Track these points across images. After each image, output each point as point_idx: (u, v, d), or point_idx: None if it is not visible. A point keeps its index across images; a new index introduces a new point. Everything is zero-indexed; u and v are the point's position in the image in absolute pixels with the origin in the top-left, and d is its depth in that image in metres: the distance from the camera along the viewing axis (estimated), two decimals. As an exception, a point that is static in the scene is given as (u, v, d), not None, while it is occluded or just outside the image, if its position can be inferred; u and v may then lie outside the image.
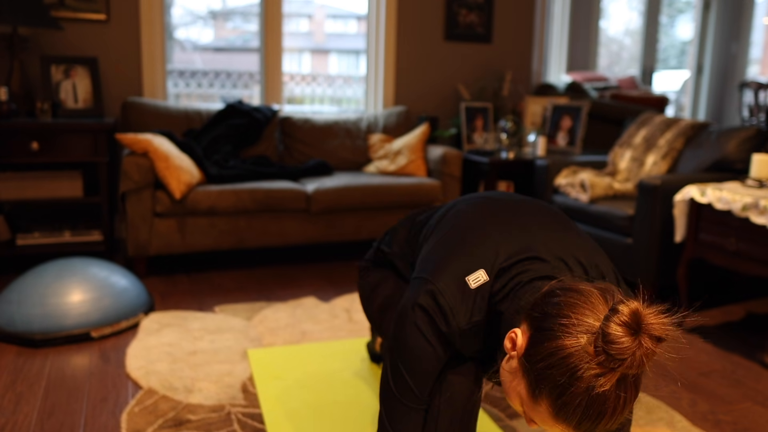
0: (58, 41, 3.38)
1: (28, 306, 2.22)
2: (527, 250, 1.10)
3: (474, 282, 1.07)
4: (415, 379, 1.10)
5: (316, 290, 2.91)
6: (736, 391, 2.06)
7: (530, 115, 4.15)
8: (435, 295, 1.08)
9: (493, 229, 1.15)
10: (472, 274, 1.08)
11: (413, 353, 1.09)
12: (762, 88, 5.23)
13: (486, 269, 1.09)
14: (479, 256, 1.10)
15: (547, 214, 1.22)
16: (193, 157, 3.09)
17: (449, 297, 1.07)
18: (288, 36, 3.99)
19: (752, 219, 2.23)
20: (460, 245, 1.13)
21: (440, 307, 1.07)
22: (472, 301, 1.07)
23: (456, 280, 1.08)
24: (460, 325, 1.07)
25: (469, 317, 1.07)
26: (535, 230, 1.15)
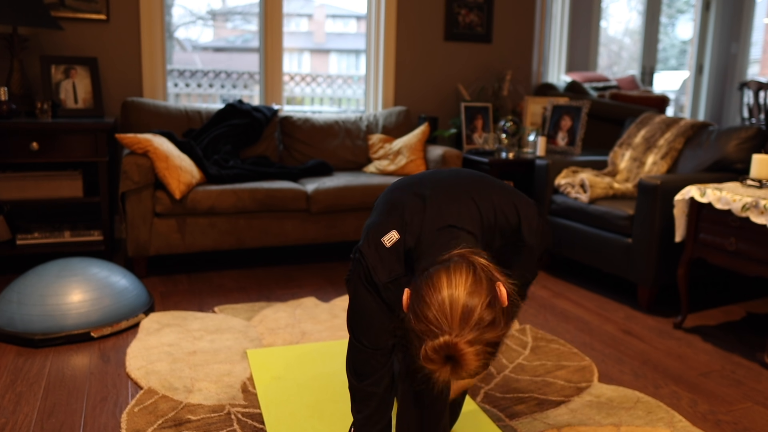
0: (58, 41, 3.38)
1: (28, 306, 2.22)
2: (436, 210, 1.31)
3: (388, 241, 1.29)
4: (365, 324, 1.34)
5: (316, 290, 2.91)
6: (736, 391, 2.06)
7: (530, 115, 4.15)
8: (360, 258, 1.31)
9: (401, 196, 1.37)
10: (386, 235, 1.29)
11: (360, 303, 1.33)
12: (762, 88, 5.23)
13: (397, 229, 1.30)
14: (390, 221, 1.31)
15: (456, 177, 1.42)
16: (193, 157, 3.09)
17: (369, 258, 1.29)
18: (288, 36, 3.99)
19: (752, 219, 2.23)
20: (377, 216, 1.36)
21: (366, 266, 1.29)
22: (389, 258, 1.29)
23: (374, 243, 1.30)
24: (382, 280, 1.28)
25: (389, 272, 1.28)
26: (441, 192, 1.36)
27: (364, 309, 1.32)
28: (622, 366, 2.22)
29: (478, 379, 1.16)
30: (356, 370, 1.39)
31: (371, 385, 1.37)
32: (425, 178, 1.42)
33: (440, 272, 1.11)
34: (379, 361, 1.36)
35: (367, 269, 1.29)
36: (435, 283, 1.10)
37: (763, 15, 6.30)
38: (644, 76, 6.05)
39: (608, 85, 5.10)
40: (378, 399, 1.39)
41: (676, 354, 2.34)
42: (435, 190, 1.35)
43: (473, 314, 1.06)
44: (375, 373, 1.36)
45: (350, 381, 1.41)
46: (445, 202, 1.32)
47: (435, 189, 1.36)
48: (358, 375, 1.38)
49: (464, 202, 1.33)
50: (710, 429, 1.81)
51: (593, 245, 2.99)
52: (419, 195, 1.35)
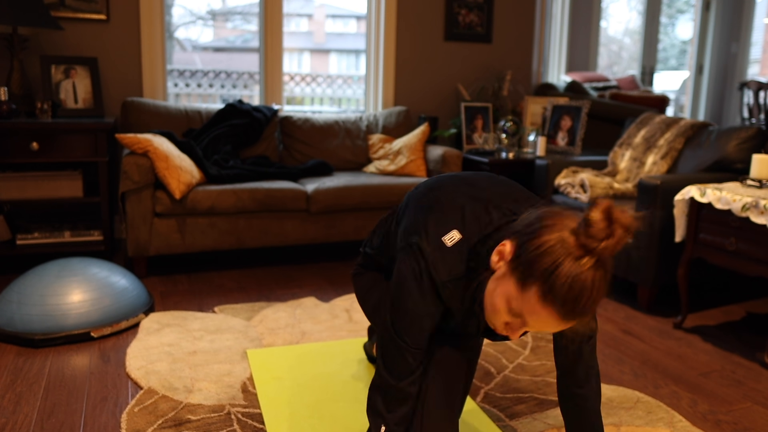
0: (58, 41, 3.38)
1: (28, 306, 2.22)
2: (485, 211, 1.28)
3: (450, 241, 1.25)
4: (412, 324, 1.28)
5: (316, 290, 2.91)
6: (736, 391, 2.06)
7: (530, 115, 4.15)
8: (419, 256, 1.26)
9: (455, 195, 1.33)
10: (447, 234, 1.25)
11: (411, 302, 1.27)
12: (762, 88, 5.23)
13: (458, 229, 1.26)
14: (449, 220, 1.27)
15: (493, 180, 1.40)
16: (193, 157, 3.09)
17: (429, 256, 1.24)
18: (288, 36, 4.00)
19: (752, 219, 2.23)
20: (432, 213, 1.31)
21: (426, 264, 1.25)
22: (449, 257, 1.24)
23: (434, 241, 1.25)
24: (442, 279, 1.24)
25: (449, 271, 1.24)
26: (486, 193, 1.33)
27: (413, 307, 1.27)
28: (622, 366, 2.22)
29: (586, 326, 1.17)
30: (393, 368, 1.32)
31: (409, 385, 1.32)
32: (466, 177, 1.40)
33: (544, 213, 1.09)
34: (417, 359, 1.31)
35: (426, 265, 1.24)
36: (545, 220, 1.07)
37: (763, 15, 6.30)
38: (644, 76, 6.05)
39: (608, 85, 5.10)
40: (413, 400, 1.35)
41: (676, 354, 2.34)
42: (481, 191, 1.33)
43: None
44: (413, 373, 1.32)
45: (385, 379, 1.33)
46: (495, 202, 1.30)
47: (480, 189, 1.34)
48: (395, 374, 1.32)
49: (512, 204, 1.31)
50: (710, 429, 1.81)
51: (593, 245, 2.98)
52: (466, 196, 1.32)
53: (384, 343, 1.34)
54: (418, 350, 1.30)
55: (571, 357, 1.36)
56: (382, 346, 1.34)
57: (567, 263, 1.02)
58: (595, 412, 1.41)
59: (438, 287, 1.25)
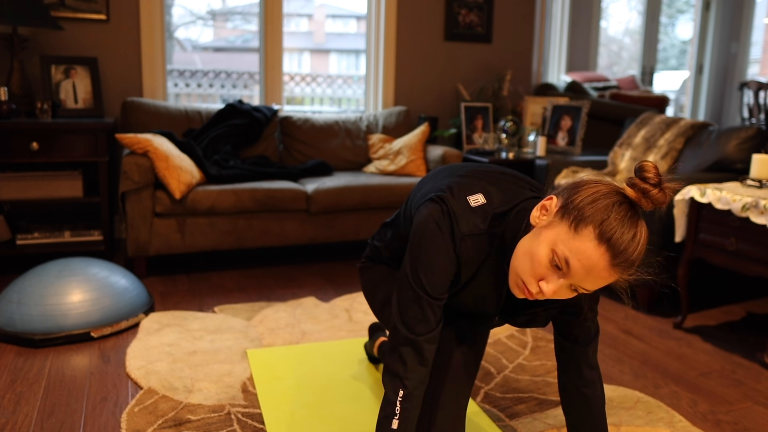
0: (58, 41, 3.38)
1: (28, 306, 2.22)
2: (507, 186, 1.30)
3: (474, 202, 1.25)
4: (431, 272, 1.24)
5: (316, 290, 2.91)
6: (736, 391, 2.06)
7: (530, 115, 4.15)
8: (441, 203, 1.25)
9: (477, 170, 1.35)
10: (472, 195, 1.26)
11: (433, 247, 1.23)
12: (762, 88, 5.23)
13: (483, 194, 1.26)
14: (474, 186, 1.28)
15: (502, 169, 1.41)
16: (193, 157, 3.09)
17: (453, 205, 1.24)
18: (288, 36, 4.00)
19: (752, 219, 2.23)
20: (456, 177, 1.31)
21: (447, 212, 1.24)
22: (472, 215, 1.24)
23: (459, 197, 1.25)
24: (463, 231, 1.22)
25: (471, 226, 1.23)
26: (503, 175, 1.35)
27: (435, 255, 1.23)
28: (622, 366, 2.22)
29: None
30: (412, 322, 1.26)
31: (428, 341, 1.26)
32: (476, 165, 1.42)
33: (582, 178, 1.13)
34: (436, 313, 1.26)
35: (449, 215, 1.23)
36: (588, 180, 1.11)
37: (763, 15, 6.30)
38: (644, 76, 6.05)
39: (608, 85, 5.10)
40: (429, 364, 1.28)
41: (676, 354, 2.34)
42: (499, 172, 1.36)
43: None
44: (432, 329, 1.26)
45: (404, 335, 1.26)
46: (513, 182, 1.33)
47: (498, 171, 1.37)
48: (414, 328, 1.26)
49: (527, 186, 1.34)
50: (710, 429, 1.81)
51: (593, 245, 2.98)
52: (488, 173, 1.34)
53: (401, 295, 1.28)
54: (437, 301, 1.25)
55: (577, 355, 1.36)
56: (399, 299, 1.29)
57: (623, 207, 1.06)
58: (601, 413, 1.41)
59: (456, 240, 1.23)
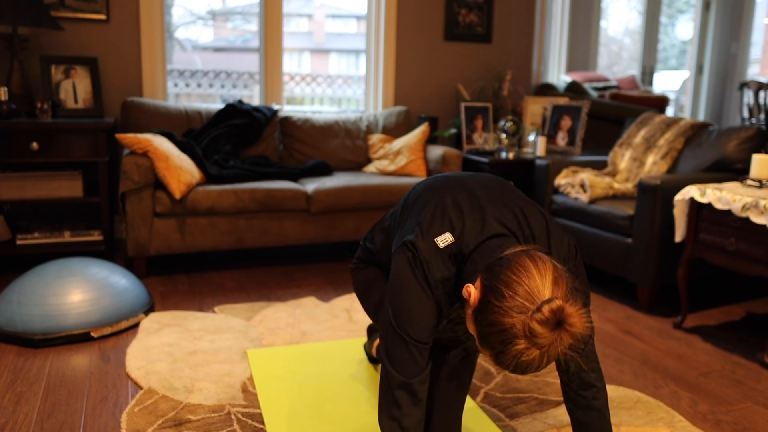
0: (58, 41, 3.38)
1: (28, 306, 2.22)
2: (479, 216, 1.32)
3: (442, 242, 1.28)
4: (414, 317, 1.28)
5: (316, 290, 2.91)
6: (736, 391, 2.06)
7: (530, 115, 4.15)
8: (415, 252, 1.29)
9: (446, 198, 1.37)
10: (440, 236, 1.29)
11: (411, 296, 1.28)
12: (762, 88, 5.23)
13: (451, 233, 1.29)
14: (444, 222, 1.31)
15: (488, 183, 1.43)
16: (193, 157, 3.09)
17: (425, 253, 1.28)
18: (288, 36, 4.00)
19: (752, 219, 2.23)
20: (426, 217, 1.34)
21: (420, 261, 1.28)
22: (441, 258, 1.28)
23: (428, 240, 1.29)
24: (435, 277, 1.27)
25: (441, 271, 1.28)
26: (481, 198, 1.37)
27: (414, 301, 1.27)
28: (622, 366, 2.22)
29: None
30: (400, 366, 1.30)
31: (419, 383, 1.30)
32: (462, 180, 1.42)
33: (521, 257, 1.11)
34: (423, 355, 1.30)
35: (421, 263, 1.27)
36: (520, 265, 1.09)
37: (763, 15, 6.30)
38: (644, 76, 6.05)
39: (608, 85, 5.10)
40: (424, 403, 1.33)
41: (676, 354, 2.34)
42: (477, 196, 1.36)
43: (565, 284, 1.08)
44: (422, 370, 1.30)
45: (394, 378, 1.30)
46: (490, 210, 1.33)
47: (476, 195, 1.36)
48: (404, 371, 1.30)
49: (504, 211, 1.33)
50: (710, 429, 1.81)
51: (593, 245, 2.99)
52: (466, 200, 1.35)
53: (388, 341, 1.32)
54: (423, 345, 1.29)
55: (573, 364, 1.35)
56: (387, 345, 1.32)
57: (514, 349, 1.06)
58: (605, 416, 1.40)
59: (431, 286, 1.27)
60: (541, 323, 1.03)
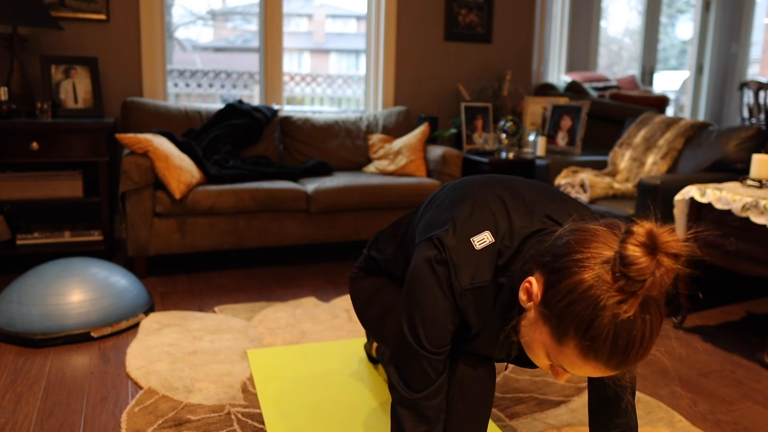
0: (58, 41, 3.38)
1: (28, 306, 2.22)
2: (528, 215, 1.12)
3: (479, 243, 1.08)
4: (428, 328, 1.10)
5: (316, 290, 2.91)
6: (736, 391, 2.06)
7: (530, 115, 4.15)
8: (441, 250, 1.09)
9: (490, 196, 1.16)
10: (478, 235, 1.09)
11: (428, 302, 1.09)
12: (762, 88, 5.23)
13: (492, 231, 1.09)
14: (482, 220, 1.11)
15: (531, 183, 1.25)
16: (193, 157, 3.09)
17: (454, 253, 1.07)
18: (288, 36, 4.00)
19: (752, 219, 2.23)
20: (463, 208, 1.14)
21: (446, 262, 1.07)
22: (476, 261, 1.07)
23: (461, 239, 1.08)
24: (463, 285, 1.07)
25: (472, 277, 1.07)
26: (530, 198, 1.17)
27: (432, 306, 1.08)
28: (622, 366, 2.22)
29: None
30: (410, 379, 1.14)
31: (429, 398, 1.13)
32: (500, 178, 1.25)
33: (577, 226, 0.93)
34: (437, 368, 1.13)
35: (447, 265, 1.07)
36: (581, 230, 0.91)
37: (763, 15, 6.30)
38: (644, 76, 6.05)
39: (608, 85, 5.10)
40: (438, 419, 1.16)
41: (676, 354, 2.34)
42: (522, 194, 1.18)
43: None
44: (433, 383, 1.13)
45: (401, 394, 1.15)
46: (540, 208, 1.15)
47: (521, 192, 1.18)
48: (413, 385, 1.14)
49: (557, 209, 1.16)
50: (710, 429, 1.81)
51: (593, 245, 2.98)
52: (508, 197, 1.16)
53: (398, 353, 1.15)
54: (437, 356, 1.12)
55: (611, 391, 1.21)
56: (396, 356, 1.16)
57: (607, 312, 0.85)
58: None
59: (456, 294, 1.08)
60: (636, 245, 0.83)
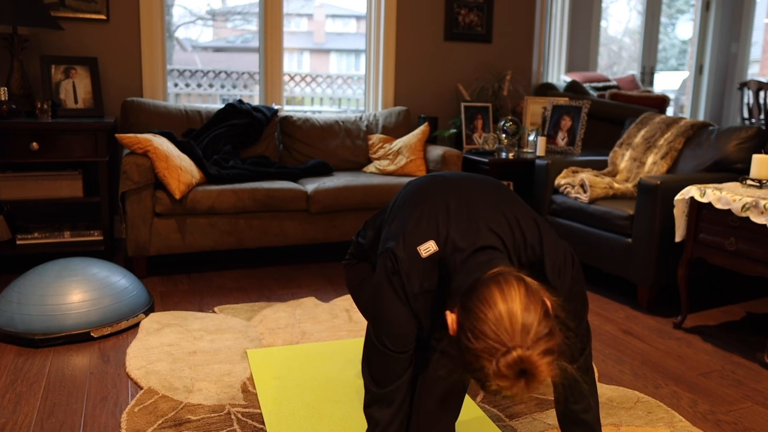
0: (58, 41, 3.38)
1: (28, 306, 2.22)
2: (468, 222, 1.28)
3: (425, 252, 1.25)
4: (391, 331, 1.27)
5: (316, 290, 2.91)
6: (736, 391, 2.06)
7: (530, 115, 4.15)
8: (394, 262, 1.26)
9: (434, 202, 1.33)
10: (423, 244, 1.25)
11: (388, 308, 1.26)
12: (762, 88, 5.23)
13: (435, 240, 1.26)
14: (428, 229, 1.27)
15: (483, 187, 1.39)
16: (193, 157, 3.09)
17: (405, 264, 1.24)
18: (288, 36, 3.99)
19: (752, 219, 2.23)
20: (412, 220, 1.31)
21: (398, 272, 1.25)
22: (423, 268, 1.24)
23: (409, 249, 1.25)
24: (414, 290, 1.24)
25: (420, 283, 1.24)
26: (473, 203, 1.32)
27: (390, 312, 1.26)
28: (622, 366, 2.22)
29: None
30: (376, 374, 1.32)
31: (395, 391, 1.32)
32: (455, 183, 1.38)
33: (491, 286, 1.08)
34: (402, 366, 1.30)
35: (400, 274, 1.24)
36: (488, 298, 1.06)
37: (763, 15, 6.30)
38: (644, 76, 6.05)
39: (608, 85, 5.10)
40: (401, 403, 1.34)
41: (676, 354, 2.34)
42: (470, 201, 1.32)
43: (532, 327, 1.03)
44: (398, 378, 1.31)
45: (368, 387, 1.34)
46: (482, 216, 1.29)
47: (470, 199, 1.32)
48: (379, 380, 1.32)
49: (496, 217, 1.29)
50: (710, 429, 1.81)
51: (593, 245, 2.99)
52: (456, 205, 1.31)
53: (367, 351, 1.33)
54: (401, 354, 1.29)
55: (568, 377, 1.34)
56: (366, 351, 1.34)
57: (492, 386, 1.04)
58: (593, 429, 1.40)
59: (409, 298, 1.25)
60: (507, 367, 1.01)
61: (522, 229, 1.30)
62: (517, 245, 1.29)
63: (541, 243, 1.29)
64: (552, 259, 1.28)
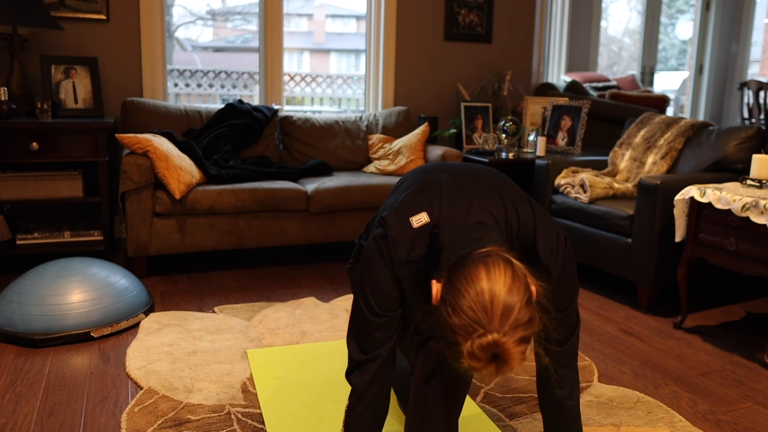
0: (58, 41, 3.38)
1: (28, 306, 2.22)
2: (462, 199, 1.30)
3: (417, 222, 1.26)
4: (375, 293, 1.28)
5: (316, 290, 2.91)
6: (736, 391, 2.06)
7: (530, 115, 4.15)
8: (384, 227, 1.28)
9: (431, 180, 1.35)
10: (416, 215, 1.27)
11: (373, 271, 1.28)
12: (762, 88, 5.23)
13: (427, 212, 1.27)
14: (422, 202, 1.29)
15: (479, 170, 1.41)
16: (193, 157, 3.09)
17: (394, 230, 1.26)
18: (288, 36, 3.99)
19: (752, 219, 2.23)
20: (406, 196, 1.33)
21: (386, 237, 1.27)
22: (413, 238, 1.26)
23: (401, 218, 1.27)
24: (401, 257, 1.25)
25: (409, 251, 1.25)
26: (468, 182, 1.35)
27: (376, 273, 1.27)
28: (622, 366, 2.22)
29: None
30: (360, 341, 1.34)
31: (375, 358, 1.32)
32: (453, 167, 1.41)
33: (478, 265, 1.08)
34: (385, 333, 1.31)
35: (387, 240, 1.25)
36: (473, 275, 1.06)
37: (763, 15, 6.30)
38: (644, 76, 6.05)
39: (608, 85, 5.10)
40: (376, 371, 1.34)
41: (676, 354, 2.34)
42: (465, 180, 1.33)
43: (512, 311, 1.03)
44: (381, 346, 1.31)
45: (351, 356, 1.35)
46: (476, 195, 1.30)
47: (465, 179, 1.34)
48: (362, 347, 1.33)
49: (492, 198, 1.30)
50: (710, 429, 1.81)
51: (593, 245, 2.99)
52: (450, 183, 1.32)
53: (352, 318, 1.34)
54: (382, 318, 1.29)
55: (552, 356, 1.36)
56: (351, 320, 1.36)
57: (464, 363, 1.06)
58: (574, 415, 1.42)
59: (394, 265, 1.25)
60: (480, 349, 1.03)
61: (516, 209, 1.31)
62: (510, 224, 1.30)
63: (534, 222, 1.30)
64: (545, 239, 1.29)
